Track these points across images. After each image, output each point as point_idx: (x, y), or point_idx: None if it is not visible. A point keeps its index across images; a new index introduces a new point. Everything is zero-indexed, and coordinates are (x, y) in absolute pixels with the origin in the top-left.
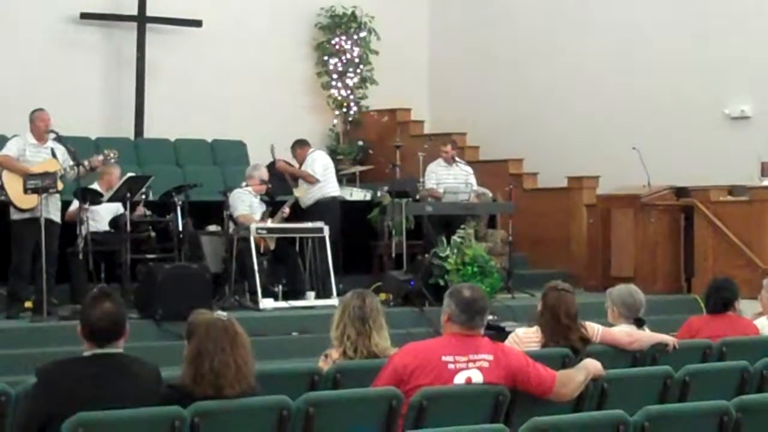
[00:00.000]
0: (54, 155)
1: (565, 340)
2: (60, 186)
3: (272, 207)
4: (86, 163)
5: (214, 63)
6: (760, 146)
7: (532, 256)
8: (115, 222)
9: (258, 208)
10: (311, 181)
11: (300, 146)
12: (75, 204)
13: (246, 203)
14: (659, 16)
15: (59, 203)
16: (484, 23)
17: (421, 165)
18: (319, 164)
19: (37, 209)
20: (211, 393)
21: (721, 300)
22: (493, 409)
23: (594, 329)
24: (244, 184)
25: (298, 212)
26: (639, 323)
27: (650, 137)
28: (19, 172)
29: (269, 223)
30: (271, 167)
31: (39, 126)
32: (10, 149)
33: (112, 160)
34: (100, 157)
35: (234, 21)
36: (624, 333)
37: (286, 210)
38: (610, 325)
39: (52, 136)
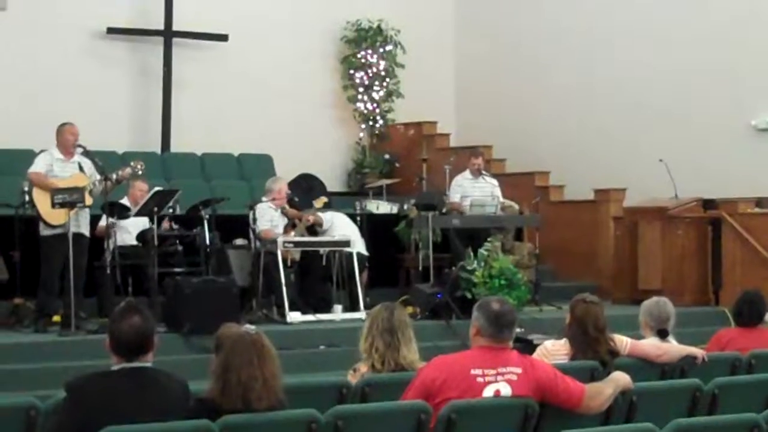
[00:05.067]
0: (81, 169)
1: (593, 352)
2: (89, 201)
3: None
4: (114, 176)
5: (240, 77)
6: None
7: (559, 268)
8: (142, 236)
9: (280, 221)
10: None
11: None
12: (104, 220)
13: (266, 218)
14: (686, 28)
15: (88, 217)
16: (510, 36)
17: (448, 178)
18: (327, 215)
19: (67, 225)
20: (239, 406)
21: (754, 313)
22: (522, 422)
23: (622, 342)
24: (265, 198)
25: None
26: (661, 334)
27: (677, 149)
28: (48, 188)
29: (293, 234)
30: (293, 184)
31: (68, 138)
32: (39, 166)
33: (140, 172)
34: (128, 170)
35: (260, 35)
36: (652, 346)
37: (310, 218)
38: (640, 337)
39: (80, 150)
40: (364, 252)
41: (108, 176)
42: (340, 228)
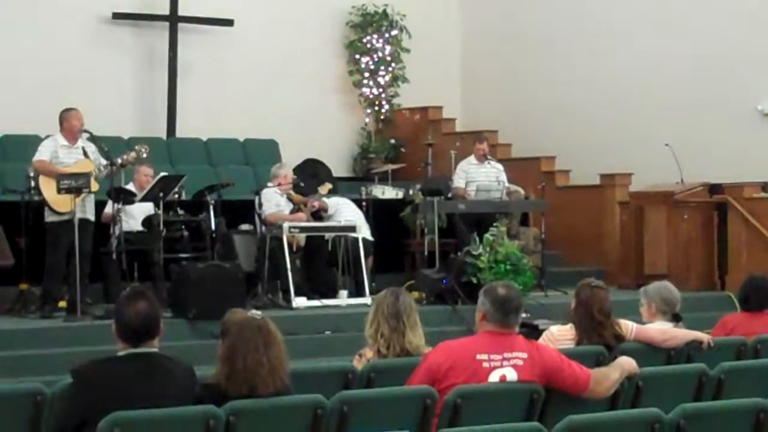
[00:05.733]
0: (86, 155)
1: (598, 336)
2: (95, 186)
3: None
4: (118, 160)
5: (245, 62)
6: None
7: (565, 253)
8: (148, 221)
9: (286, 206)
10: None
11: None
12: (110, 206)
13: (273, 202)
14: (692, 12)
15: (93, 202)
16: (515, 21)
17: (453, 163)
18: (333, 201)
19: (73, 211)
20: (245, 392)
21: (761, 299)
22: (528, 408)
23: (628, 327)
24: (270, 183)
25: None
26: (676, 318)
27: (683, 134)
28: (54, 175)
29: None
30: (299, 169)
31: (74, 124)
32: (44, 153)
33: (144, 155)
34: (132, 154)
35: (265, 20)
36: (658, 330)
37: (315, 204)
38: (644, 323)
39: (86, 135)
40: (370, 237)
41: (113, 161)
42: (346, 213)
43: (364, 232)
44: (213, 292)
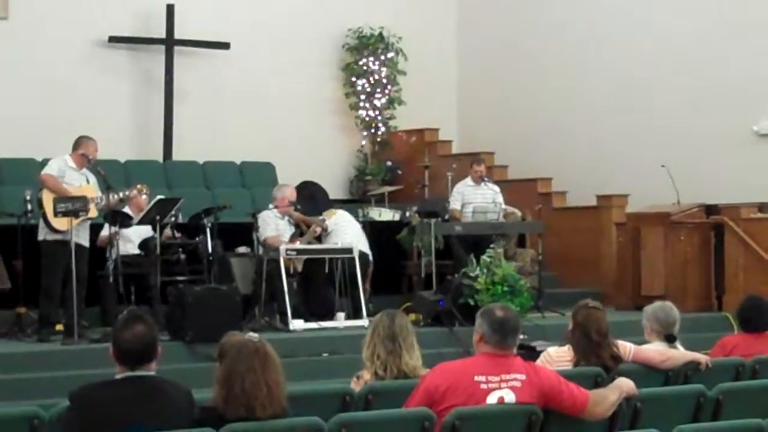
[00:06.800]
0: (88, 181)
1: (596, 357)
2: (94, 213)
3: (301, 229)
4: (120, 194)
5: (242, 85)
6: None
7: (562, 275)
8: (144, 244)
9: (286, 229)
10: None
11: None
12: (106, 229)
13: (272, 225)
14: (687, 34)
15: (88, 228)
16: (511, 43)
17: (450, 185)
18: (331, 220)
19: (68, 232)
20: (242, 414)
21: (760, 320)
22: (526, 429)
23: (626, 348)
24: (271, 205)
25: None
26: (669, 339)
27: (679, 155)
28: (59, 191)
29: (298, 244)
30: (300, 189)
31: (92, 153)
32: (54, 168)
33: (144, 195)
34: (134, 191)
35: (261, 42)
36: (656, 351)
37: (318, 229)
38: (645, 343)
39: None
40: (368, 251)
41: (113, 189)
42: (345, 228)
43: (362, 245)
44: (210, 315)
